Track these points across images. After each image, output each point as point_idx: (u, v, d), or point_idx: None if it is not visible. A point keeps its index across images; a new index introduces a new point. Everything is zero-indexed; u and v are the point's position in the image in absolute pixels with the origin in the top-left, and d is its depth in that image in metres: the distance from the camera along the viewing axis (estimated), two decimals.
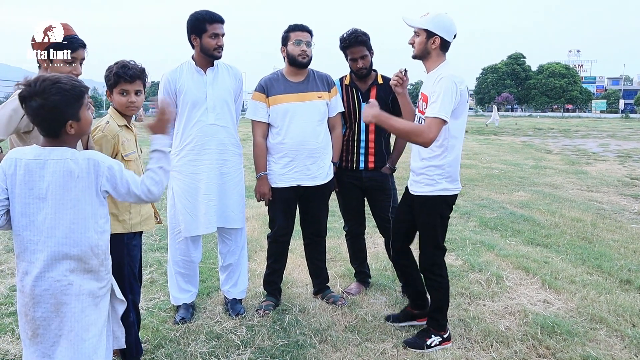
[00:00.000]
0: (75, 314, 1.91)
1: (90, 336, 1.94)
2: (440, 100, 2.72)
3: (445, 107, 2.71)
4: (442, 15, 2.87)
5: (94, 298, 1.97)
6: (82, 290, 1.92)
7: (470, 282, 4.07)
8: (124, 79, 2.62)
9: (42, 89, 1.81)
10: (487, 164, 12.12)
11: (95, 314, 1.97)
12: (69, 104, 1.86)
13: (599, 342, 3.10)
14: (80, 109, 1.90)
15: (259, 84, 3.53)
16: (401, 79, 3.13)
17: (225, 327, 3.28)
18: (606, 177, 9.97)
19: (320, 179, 3.52)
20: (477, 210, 6.85)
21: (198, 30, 3.20)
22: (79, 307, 1.91)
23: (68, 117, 1.87)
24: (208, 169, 3.30)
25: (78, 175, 1.88)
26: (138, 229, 2.70)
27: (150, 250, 4.84)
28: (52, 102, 1.82)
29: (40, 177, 1.86)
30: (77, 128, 1.92)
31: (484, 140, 20.12)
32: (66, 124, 1.88)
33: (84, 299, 1.93)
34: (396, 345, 3.06)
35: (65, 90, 1.84)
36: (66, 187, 1.87)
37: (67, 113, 1.86)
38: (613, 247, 5.12)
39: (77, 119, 1.90)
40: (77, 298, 1.91)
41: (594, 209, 6.92)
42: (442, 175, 2.90)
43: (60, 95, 1.83)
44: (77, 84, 1.89)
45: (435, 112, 2.72)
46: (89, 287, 1.95)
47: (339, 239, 5.15)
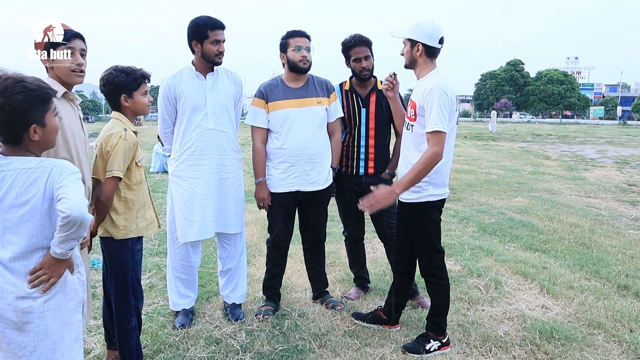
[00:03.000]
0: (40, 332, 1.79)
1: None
2: (435, 113, 2.77)
3: (442, 119, 2.77)
4: (423, 23, 2.91)
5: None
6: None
7: (469, 287, 4.08)
8: (147, 80, 2.66)
9: (4, 88, 1.67)
10: (485, 169, 12.15)
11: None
12: (33, 105, 1.71)
13: (597, 347, 3.11)
14: (46, 113, 1.76)
15: (259, 90, 3.54)
16: (392, 83, 3.23)
17: (224, 332, 3.28)
18: (604, 183, 10.00)
19: (319, 184, 3.53)
20: (476, 215, 6.87)
21: (199, 36, 3.21)
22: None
23: (32, 120, 1.72)
24: (207, 174, 3.31)
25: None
26: (144, 233, 2.71)
27: (150, 255, 4.85)
28: (15, 101, 1.66)
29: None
30: (42, 135, 1.77)
31: (483, 146, 20.16)
32: (29, 128, 1.72)
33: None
34: (395, 350, 3.06)
35: (30, 89, 1.69)
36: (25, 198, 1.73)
37: (30, 115, 1.71)
38: (611, 252, 5.13)
39: (42, 123, 1.75)
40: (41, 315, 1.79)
41: (592, 215, 6.94)
42: (428, 182, 2.92)
43: (24, 95, 1.68)
44: (44, 86, 1.76)
45: (433, 126, 2.78)
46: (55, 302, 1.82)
47: (338, 244, 5.16)
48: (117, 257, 2.64)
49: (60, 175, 1.71)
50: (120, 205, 2.60)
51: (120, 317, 2.68)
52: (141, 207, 2.67)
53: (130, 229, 2.62)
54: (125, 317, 2.68)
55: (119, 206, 2.59)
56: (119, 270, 2.65)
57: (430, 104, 2.79)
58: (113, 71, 2.63)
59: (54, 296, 1.78)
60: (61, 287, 1.80)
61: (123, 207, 2.60)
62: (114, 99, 2.65)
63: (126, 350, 2.70)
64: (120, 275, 2.65)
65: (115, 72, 2.62)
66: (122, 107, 2.66)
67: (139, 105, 2.69)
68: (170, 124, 3.37)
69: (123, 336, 2.69)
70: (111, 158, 2.52)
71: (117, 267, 2.65)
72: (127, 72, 2.63)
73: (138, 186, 2.66)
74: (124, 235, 2.61)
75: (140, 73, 2.66)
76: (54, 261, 1.75)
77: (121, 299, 2.67)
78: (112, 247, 2.63)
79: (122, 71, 2.63)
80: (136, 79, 2.65)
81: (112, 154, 2.51)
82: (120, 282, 2.66)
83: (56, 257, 1.74)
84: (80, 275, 1.90)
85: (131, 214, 2.62)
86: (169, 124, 3.37)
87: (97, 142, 2.65)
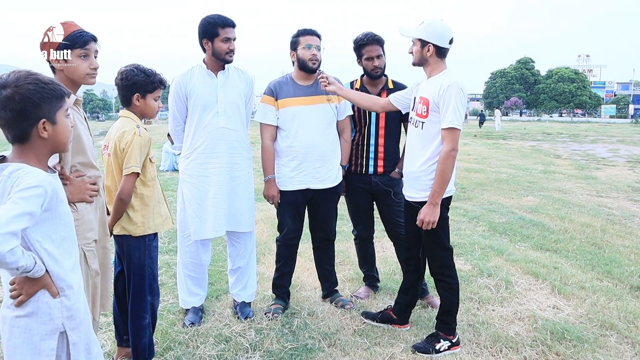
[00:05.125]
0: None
1: None
2: (452, 109, 2.80)
3: (457, 117, 2.81)
4: (434, 23, 2.92)
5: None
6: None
7: (479, 287, 4.06)
8: (163, 86, 2.68)
9: (16, 78, 1.59)
10: (495, 168, 12.07)
11: None
12: (44, 98, 1.61)
13: (610, 348, 3.08)
14: (58, 110, 1.66)
15: (268, 87, 3.54)
16: (325, 79, 3.33)
17: (234, 330, 3.28)
18: (616, 183, 9.90)
19: (329, 182, 3.52)
20: (486, 214, 6.83)
21: (210, 35, 3.21)
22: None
23: (42, 115, 1.62)
24: (218, 172, 3.31)
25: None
26: (160, 229, 2.72)
27: (160, 253, 4.83)
28: (25, 90, 1.58)
29: None
30: (52, 133, 1.66)
31: (493, 145, 20.05)
32: (38, 122, 1.62)
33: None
34: (405, 350, 3.05)
35: (43, 82, 1.62)
36: None
37: (41, 109, 1.61)
38: (623, 253, 5.08)
39: (52, 120, 1.65)
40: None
41: (603, 215, 6.87)
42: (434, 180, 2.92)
43: (36, 85, 1.60)
44: (58, 83, 1.68)
45: (449, 122, 2.81)
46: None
47: (347, 243, 5.15)
48: (134, 254, 2.65)
49: (11, 188, 1.54)
50: (136, 202, 2.61)
51: (135, 314, 2.69)
52: (156, 203, 2.69)
53: (147, 225, 2.64)
54: (139, 314, 2.69)
55: (135, 203, 2.61)
56: (136, 267, 2.66)
57: (447, 100, 2.81)
58: (134, 69, 2.65)
59: (26, 315, 1.65)
60: (33, 308, 1.66)
61: (139, 203, 2.62)
62: (127, 95, 2.67)
63: (139, 347, 2.72)
64: (137, 273, 2.67)
65: (137, 70, 2.65)
66: (132, 105, 2.67)
67: (149, 109, 2.71)
68: (180, 122, 3.38)
69: (136, 333, 2.71)
70: (127, 155, 2.53)
71: (135, 265, 2.66)
72: (147, 74, 2.66)
73: (152, 182, 2.68)
74: (142, 231, 2.63)
75: (159, 78, 2.69)
76: (23, 279, 1.63)
77: (137, 296, 2.68)
78: (129, 244, 2.65)
79: (142, 71, 2.66)
80: (154, 82, 2.67)
81: (129, 151, 2.53)
82: (137, 279, 2.67)
83: (24, 275, 1.60)
84: (67, 299, 1.70)
85: (148, 210, 2.64)
86: (180, 122, 3.38)
87: (106, 142, 2.66)
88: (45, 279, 1.65)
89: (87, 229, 2.14)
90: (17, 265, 1.49)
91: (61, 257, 1.69)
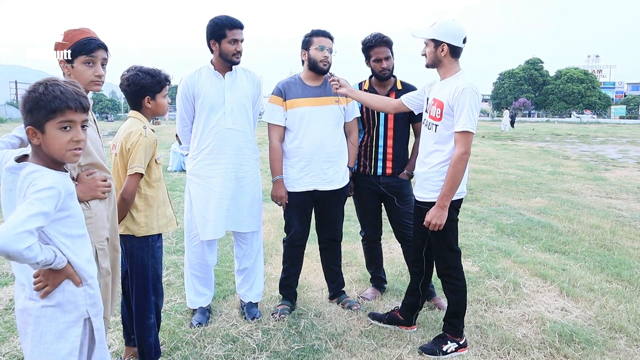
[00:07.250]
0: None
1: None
2: (466, 113, 2.79)
3: (471, 120, 2.80)
4: (447, 23, 2.90)
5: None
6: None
7: (486, 288, 4.04)
8: (169, 82, 2.71)
9: (45, 80, 1.71)
10: (503, 169, 12.02)
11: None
12: (35, 107, 1.69)
13: (619, 351, 3.05)
14: (49, 121, 1.70)
15: (277, 88, 3.55)
16: (336, 81, 3.33)
17: (241, 331, 3.29)
18: (625, 184, 9.82)
19: (336, 183, 3.52)
20: (494, 216, 6.80)
21: (217, 36, 3.22)
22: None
23: (30, 122, 1.71)
24: (224, 173, 3.32)
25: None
26: (164, 230, 2.73)
27: (167, 253, 4.89)
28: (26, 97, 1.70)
29: None
30: (42, 140, 1.72)
31: (501, 146, 19.95)
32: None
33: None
34: (412, 352, 3.04)
35: (40, 93, 1.69)
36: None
37: (32, 115, 1.70)
38: (633, 255, 5.04)
39: (42, 130, 1.70)
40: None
41: (613, 216, 6.82)
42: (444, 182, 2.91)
43: (60, 87, 1.71)
44: (58, 98, 1.71)
45: (462, 126, 2.80)
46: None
47: (354, 244, 5.15)
48: (138, 254, 2.67)
49: (27, 189, 1.64)
50: (140, 203, 2.63)
51: (140, 313, 2.71)
52: (161, 204, 2.70)
53: (151, 225, 2.65)
54: (144, 314, 2.71)
55: (139, 203, 2.62)
56: (139, 267, 2.68)
57: (462, 103, 2.80)
58: (139, 72, 2.66)
59: (54, 305, 1.76)
60: (60, 298, 1.77)
61: (143, 204, 2.63)
62: (136, 100, 2.68)
63: (144, 347, 2.73)
64: (141, 273, 2.68)
65: (141, 73, 2.65)
66: (143, 107, 2.69)
67: (160, 108, 2.73)
68: (188, 123, 3.39)
69: (142, 333, 2.72)
70: (132, 155, 2.54)
71: (138, 265, 2.67)
72: (152, 75, 2.67)
73: (157, 183, 2.69)
74: (146, 232, 2.64)
75: (164, 76, 2.71)
76: (47, 270, 1.72)
77: (141, 296, 2.70)
78: (133, 244, 2.66)
79: (147, 73, 2.66)
80: (160, 81, 2.69)
81: (133, 151, 2.54)
82: (140, 279, 2.69)
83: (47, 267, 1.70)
84: (90, 288, 1.83)
85: (152, 211, 2.65)
86: (187, 122, 3.39)
87: (114, 142, 2.68)
88: (67, 269, 1.76)
89: (101, 226, 2.15)
90: (37, 260, 1.58)
91: (78, 251, 1.80)
